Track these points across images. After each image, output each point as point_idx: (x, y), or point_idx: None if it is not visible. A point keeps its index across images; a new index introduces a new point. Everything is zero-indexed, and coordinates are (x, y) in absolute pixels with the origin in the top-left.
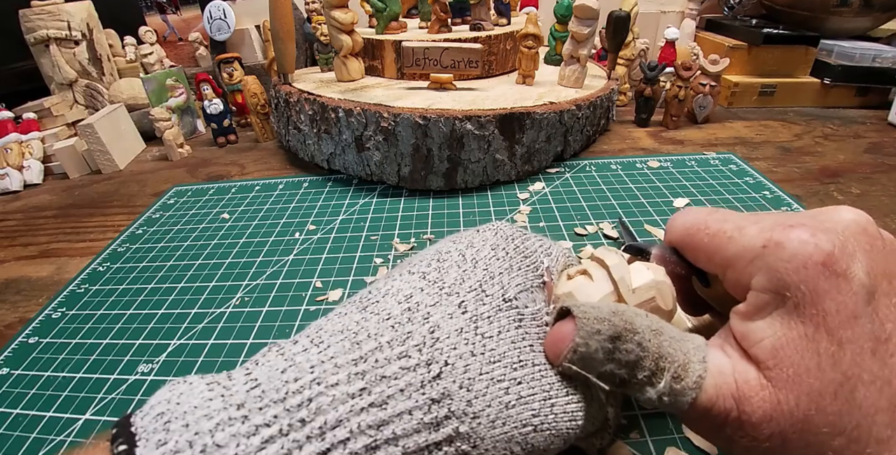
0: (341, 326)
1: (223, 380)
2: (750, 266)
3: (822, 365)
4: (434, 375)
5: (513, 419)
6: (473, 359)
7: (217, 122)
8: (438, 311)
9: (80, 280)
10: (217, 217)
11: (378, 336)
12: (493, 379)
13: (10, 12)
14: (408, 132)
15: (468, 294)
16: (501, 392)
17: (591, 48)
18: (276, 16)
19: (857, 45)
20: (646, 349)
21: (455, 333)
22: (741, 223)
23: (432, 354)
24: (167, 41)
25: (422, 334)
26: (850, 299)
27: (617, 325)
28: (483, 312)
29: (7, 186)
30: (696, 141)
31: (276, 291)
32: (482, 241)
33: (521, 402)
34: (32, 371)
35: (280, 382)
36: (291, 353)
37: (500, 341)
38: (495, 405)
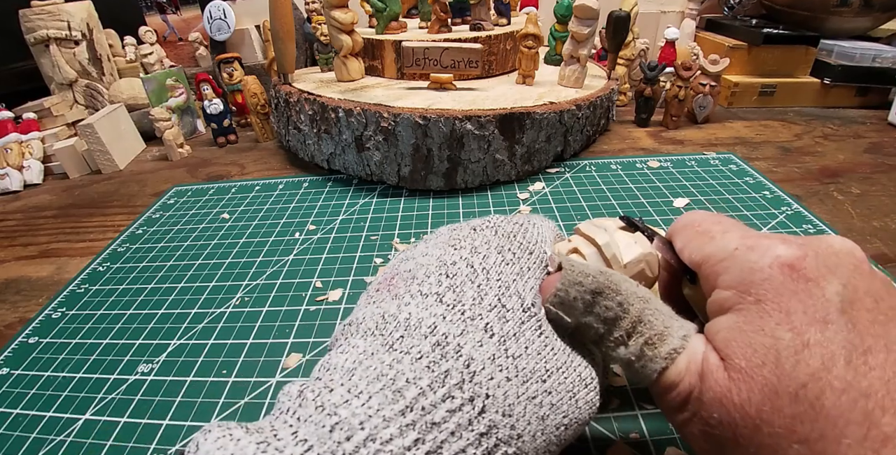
0: (375, 372)
1: (271, 438)
2: (719, 265)
3: (782, 362)
4: (479, 411)
5: (549, 427)
6: (509, 384)
7: (217, 122)
8: (467, 341)
9: (80, 280)
10: (217, 217)
11: (417, 380)
12: (528, 398)
13: (10, 12)
14: (408, 132)
15: (490, 313)
16: (537, 407)
17: (591, 48)
18: (276, 16)
19: (857, 45)
20: (626, 310)
21: (489, 362)
22: (731, 229)
23: (473, 390)
24: (167, 41)
25: (459, 371)
26: (821, 304)
27: (601, 282)
28: (508, 331)
29: (7, 186)
30: (696, 141)
31: (276, 291)
32: (485, 244)
33: (554, 410)
34: (32, 371)
35: (333, 444)
36: (333, 407)
37: (528, 358)
38: (534, 422)
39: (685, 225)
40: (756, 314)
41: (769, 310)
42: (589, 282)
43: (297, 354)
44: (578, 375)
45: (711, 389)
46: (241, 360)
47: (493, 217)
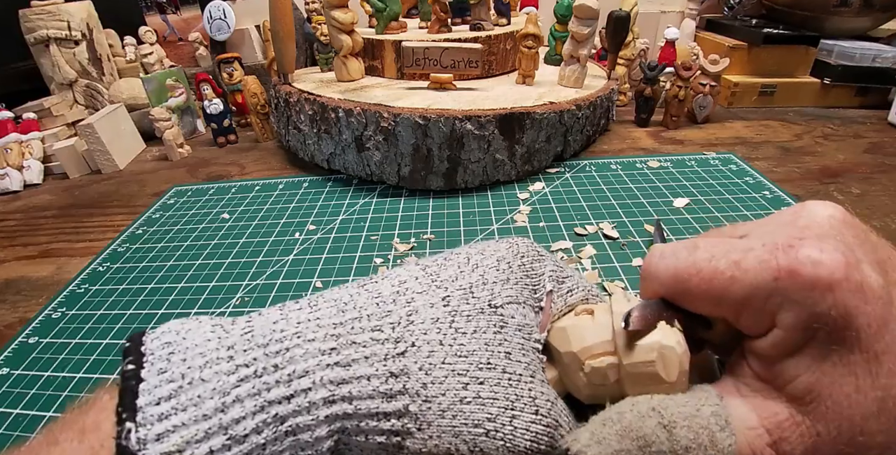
0: (337, 296)
1: (226, 324)
2: (768, 304)
3: (861, 386)
4: (399, 352)
5: (465, 415)
6: (440, 347)
7: (217, 122)
8: (422, 299)
9: (80, 280)
10: (217, 217)
11: (362, 309)
12: (454, 371)
13: (10, 12)
14: (408, 132)
15: (456, 291)
16: (460, 386)
17: (591, 48)
18: (276, 16)
19: (857, 45)
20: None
21: (430, 321)
22: (732, 255)
23: (402, 334)
24: (167, 41)
25: (399, 315)
26: (878, 307)
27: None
28: (464, 310)
29: (7, 186)
30: (696, 141)
31: (276, 291)
32: (493, 251)
33: (478, 402)
34: (32, 371)
35: (268, 330)
36: (288, 310)
37: (472, 339)
38: (450, 396)
39: (677, 278)
40: (831, 348)
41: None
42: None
43: None
44: (530, 398)
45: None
46: None
47: (520, 238)
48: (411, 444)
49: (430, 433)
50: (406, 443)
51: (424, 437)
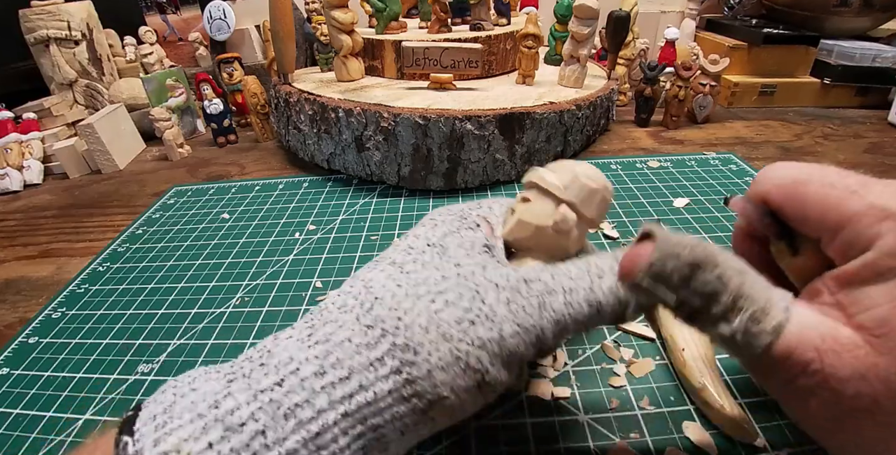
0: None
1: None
2: (877, 225)
3: None
4: (367, 309)
5: (445, 320)
6: (399, 288)
7: (217, 122)
8: (372, 272)
9: (80, 280)
10: (217, 217)
11: (327, 303)
12: (417, 296)
13: (10, 12)
14: (408, 132)
15: (397, 254)
16: (428, 302)
17: (591, 48)
18: (276, 16)
19: (857, 45)
20: (725, 284)
21: (384, 278)
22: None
23: (365, 297)
24: (167, 41)
25: (359, 288)
26: None
27: (698, 253)
28: (408, 259)
29: (7, 186)
30: (696, 141)
31: (276, 291)
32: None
33: (450, 305)
34: (32, 371)
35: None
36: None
37: (422, 270)
38: (424, 314)
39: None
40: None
41: None
42: (686, 253)
43: None
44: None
45: (850, 366)
46: None
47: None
48: (417, 371)
49: (427, 351)
50: (412, 372)
51: (424, 356)
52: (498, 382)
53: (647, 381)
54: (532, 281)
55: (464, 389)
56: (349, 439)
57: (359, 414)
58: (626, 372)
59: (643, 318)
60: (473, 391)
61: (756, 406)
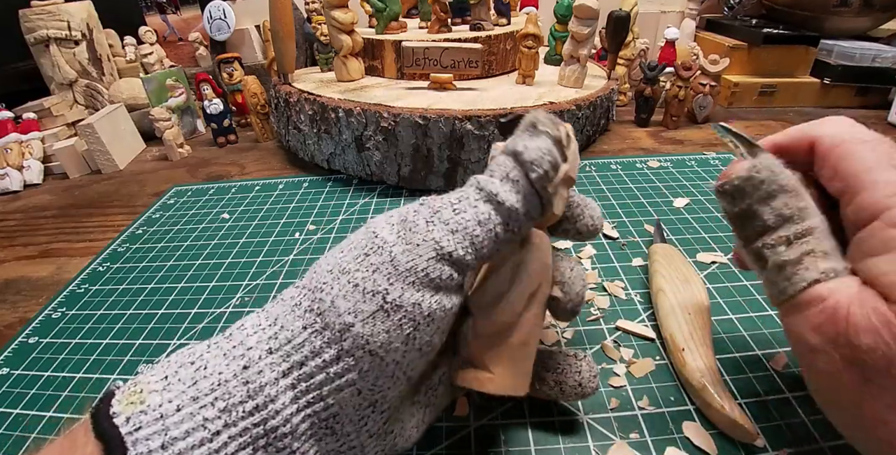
0: None
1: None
2: (892, 198)
3: None
4: (301, 279)
5: (345, 260)
6: (324, 258)
7: (217, 122)
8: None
9: (80, 280)
10: (217, 217)
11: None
12: (331, 255)
13: (10, 12)
14: (408, 132)
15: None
16: (336, 253)
17: (591, 48)
18: (276, 16)
19: (857, 45)
20: (803, 218)
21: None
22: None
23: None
24: (167, 41)
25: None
26: None
27: (793, 182)
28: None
29: (7, 186)
30: (696, 141)
31: (276, 291)
32: None
33: (352, 250)
34: (32, 371)
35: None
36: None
37: (350, 247)
38: (332, 261)
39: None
40: None
41: None
42: (784, 176)
43: None
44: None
45: (867, 320)
46: None
47: None
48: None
49: (329, 286)
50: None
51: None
52: (408, 304)
53: (647, 381)
54: (419, 209)
55: (368, 315)
56: (276, 375)
57: (281, 351)
58: (626, 372)
59: (643, 318)
60: (381, 317)
61: (756, 406)
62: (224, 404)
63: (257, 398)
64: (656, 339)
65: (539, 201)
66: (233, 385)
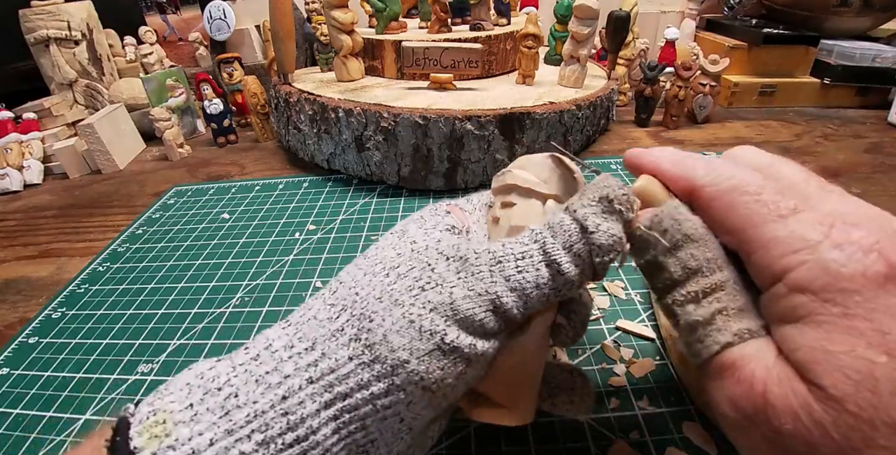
0: None
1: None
2: (791, 257)
3: (880, 390)
4: (332, 292)
5: (397, 290)
6: (359, 270)
7: (217, 122)
8: (346, 268)
9: (80, 280)
10: (217, 217)
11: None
12: (374, 274)
13: (10, 12)
14: (408, 132)
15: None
16: (382, 277)
17: (591, 48)
18: (276, 16)
19: (857, 45)
20: (713, 271)
21: (351, 267)
22: (794, 204)
23: (332, 283)
24: (167, 41)
25: (335, 284)
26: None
27: (702, 233)
28: (371, 248)
29: (7, 186)
30: (696, 141)
31: (276, 291)
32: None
33: (402, 277)
34: (32, 371)
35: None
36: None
37: (380, 253)
38: (378, 286)
39: (736, 186)
40: (844, 331)
41: (861, 328)
42: (689, 225)
43: None
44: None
45: (786, 400)
46: None
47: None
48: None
49: (380, 317)
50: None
51: (378, 322)
52: (464, 346)
53: (647, 381)
54: (481, 252)
55: (425, 353)
56: (318, 405)
57: (323, 380)
58: (626, 372)
59: (643, 318)
60: (437, 356)
61: None
62: (262, 437)
63: (298, 430)
64: (656, 339)
65: (592, 276)
66: (271, 416)
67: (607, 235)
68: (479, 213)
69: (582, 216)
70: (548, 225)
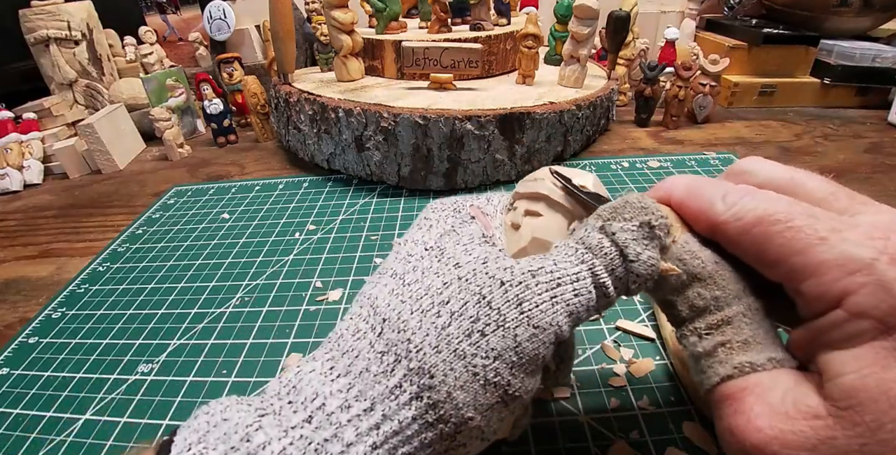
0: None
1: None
2: (848, 280)
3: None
4: (377, 334)
5: (454, 335)
6: (403, 305)
7: (217, 122)
8: (375, 288)
9: (80, 280)
10: (217, 217)
11: (342, 329)
12: (423, 311)
13: (10, 12)
14: (408, 132)
15: (397, 264)
16: (434, 317)
17: (591, 48)
18: (276, 16)
19: (857, 45)
20: (719, 308)
21: (387, 294)
22: (832, 223)
23: (374, 320)
24: (167, 41)
25: (367, 310)
26: None
27: (705, 269)
28: (407, 269)
29: (7, 186)
30: (696, 141)
31: (276, 291)
32: (424, 219)
33: (456, 317)
34: (32, 371)
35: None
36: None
37: (423, 279)
38: (433, 332)
39: (761, 216)
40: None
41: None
42: (695, 264)
43: (297, 354)
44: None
45: (803, 434)
46: (241, 360)
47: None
48: (437, 395)
49: (441, 372)
50: (433, 396)
51: (440, 378)
52: (524, 393)
53: (647, 381)
54: (538, 273)
55: (488, 407)
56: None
57: (387, 444)
58: (626, 372)
59: (643, 318)
60: (499, 407)
61: None
62: None
63: None
64: (656, 339)
65: (623, 295)
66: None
67: (647, 265)
68: (500, 216)
69: (622, 241)
70: (584, 244)
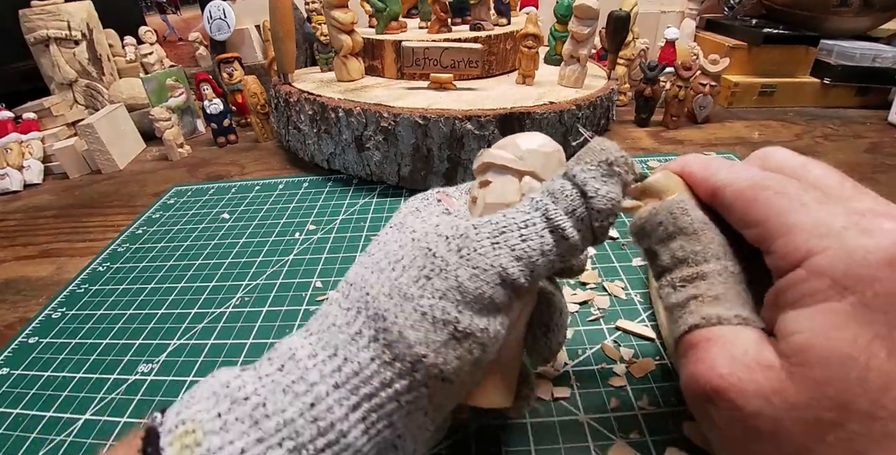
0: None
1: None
2: (814, 241)
3: (869, 384)
4: (345, 296)
5: (404, 283)
6: (365, 269)
7: (217, 122)
8: (351, 268)
9: (80, 280)
10: (217, 217)
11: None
12: (380, 270)
13: (10, 12)
14: (408, 132)
15: (370, 246)
16: (389, 272)
17: (591, 48)
18: (276, 16)
19: (857, 45)
20: (697, 262)
21: (355, 266)
22: (818, 196)
23: (343, 287)
24: (167, 41)
25: (341, 284)
26: None
27: (692, 225)
28: (374, 245)
29: (7, 186)
30: (696, 141)
31: (276, 291)
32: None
33: (406, 269)
34: (32, 371)
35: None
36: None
37: (384, 248)
38: (387, 284)
39: (753, 184)
40: (852, 319)
41: (872, 319)
42: (684, 220)
43: None
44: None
45: (758, 384)
46: (241, 360)
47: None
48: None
49: (393, 314)
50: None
51: (392, 320)
52: (477, 331)
53: (647, 381)
54: (481, 224)
55: (441, 344)
56: (346, 409)
57: (349, 384)
58: (626, 372)
59: (643, 318)
60: (453, 345)
61: None
62: (293, 444)
63: (328, 435)
64: (656, 339)
65: (592, 240)
66: (300, 424)
67: (605, 199)
68: (465, 197)
69: (581, 180)
70: (548, 191)
